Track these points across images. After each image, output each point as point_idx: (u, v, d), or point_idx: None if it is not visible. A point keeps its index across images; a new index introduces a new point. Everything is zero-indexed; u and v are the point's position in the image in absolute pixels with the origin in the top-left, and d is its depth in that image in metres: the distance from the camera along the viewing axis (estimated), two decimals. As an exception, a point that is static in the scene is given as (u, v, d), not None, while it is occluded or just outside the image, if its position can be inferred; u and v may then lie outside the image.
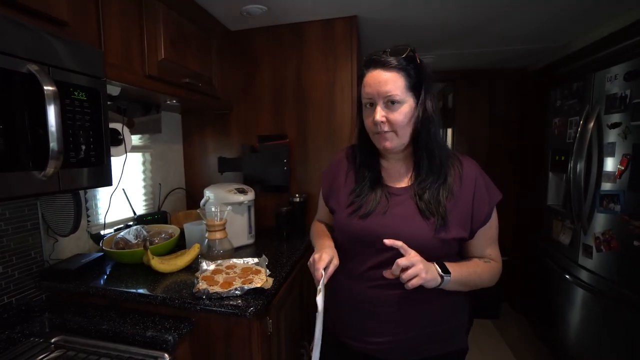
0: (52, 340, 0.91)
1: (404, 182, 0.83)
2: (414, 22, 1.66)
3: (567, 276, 1.64)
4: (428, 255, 0.72)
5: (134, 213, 1.41)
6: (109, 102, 1.11)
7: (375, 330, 0.79)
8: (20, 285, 1.00)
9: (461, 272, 0.75)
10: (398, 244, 0.69)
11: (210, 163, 1.81)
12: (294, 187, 1.72)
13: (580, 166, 1.53)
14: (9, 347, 0.87)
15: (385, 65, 0.74)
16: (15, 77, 0.67)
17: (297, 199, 1.62)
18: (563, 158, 1.76)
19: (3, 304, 0.96)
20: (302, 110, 1.66)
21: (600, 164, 1.45)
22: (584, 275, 1.56)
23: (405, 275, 0.67)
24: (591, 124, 1.47)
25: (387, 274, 0.71)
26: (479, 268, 0.79)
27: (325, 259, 0.75)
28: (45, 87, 0.69)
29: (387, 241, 0.69)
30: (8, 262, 0.98)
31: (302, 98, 1.65)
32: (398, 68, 0.74)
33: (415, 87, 0.76)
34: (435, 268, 0.71)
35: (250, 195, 1.40)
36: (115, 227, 1.36)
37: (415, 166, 0.82)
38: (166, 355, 0.84)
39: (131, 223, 1.40)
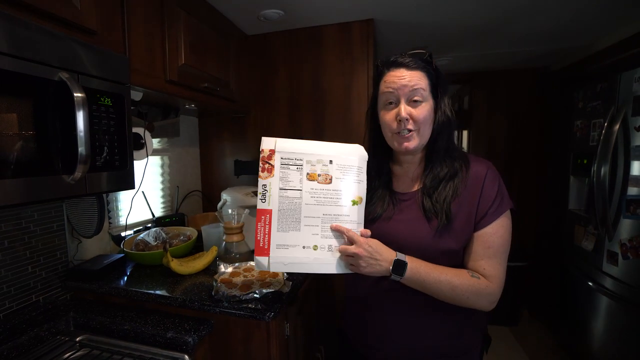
0: (77, 339, 0.93)
1: (413, 187, 0.82)
2: (431, 25, 1.65)
3: (590, 283, 1.59)
4: (429, 261, 0.72)
5: (153, 215, 1.44)
6: (131, 107, 1.14)
7: (382, 337, 0.80)
8: (47, 285, 1.04)
9: (425, 277, 0.69)
10: (342, 228, 0.73)
11: (227, 166, 1.83)
12: (309, 190, 1.72)
13: (604, 170, 1.48)
14: (37, 344, 0.90)
15: (409, 65, 0.74)
16: (47, 84, 0.70)
17: (312, 202, 1.62)
18: (586, 161, 1.70)
19: (32, 302, 1.00)
20: (319, 113, 1.66)
21: (627, 167, 1.40)
22: (608, 283, 1.50)
23: (344, 261, 0.73)
24: (617, 126, 1.42)
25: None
26: (456, 278, 0.70)
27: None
28: (75, 94, 0.71)
29: (332, 225, 0.74)
30: (36, 262, 1.01)
31: (319, 101, 1.65)
32: (421, 68, 0.75)
33: (434, 89, 0.76)
34: (385, 265, 0.69)
35: (266, 198, 1.40)
36: (135, 229, 1.39)
37: (425, 170, 0.80)
38: (186, 356, 0.85)
39: (150, 225, 1.43)
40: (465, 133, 2.71)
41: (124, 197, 1.36)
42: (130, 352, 0.88)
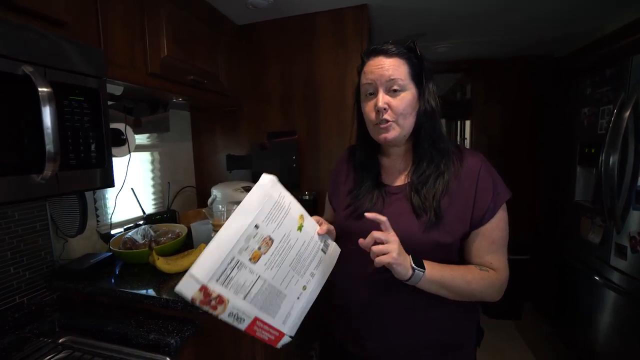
0: (60, 341, 0.91)
1: (402, 180, 0.79)
2: (428, 10, 1.57)
3: (597, 277, 1.52)
4: (420, 257, 0.68)
5: (143, 212, 1.41)
6: (112, 102, 1.10)
7: (375, 335, 0.77)
8: (31, 286, 1.02)
9: (442, 273, 0.67)
10: (381, 218, 0.64)
11: (220, 161, 1.79)
12: (305, 185, 1.68)
13: (613, 159, 1.40)
14: (20, 346, 0.88)
15: (387, 53, 0.72)
16: (10, 79, 0.66)
17: (307, 197, 1.58)
18: (593, 151, 1.62)
19: (15, 304, 0.98)
20: (312, 105, 1.61)
21: (637, 156, 1.32)
22: (615, 277, 1.44)
23: (375, 249, 0.62)
24: (627, 113, 1.34)
25: (361, 241, 0.65)
26: (469, 274, 0.70)
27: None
28: (39, 89, 0.68)
29: (368, 215, 0.64)
30: (19, 263, 0.99)
31: (312, 93, 1.60)
32: (400, 55, 0.72)
33: (417, 77, 0.74)
34: (408, 259, 0.65)
35: (257, 194, 1.37)
36: (126, 227, 1.36)
37: (414, 162, 0.78)
38: (168, 358, 0.83)
39: (141, 222, 1.41)
40: (468, 123, 2.63)
41: (112, 195, 1.33)
42: (111, 355, 0.86)
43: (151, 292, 0.97)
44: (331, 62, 1.55)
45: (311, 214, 1.65)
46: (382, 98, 0.71)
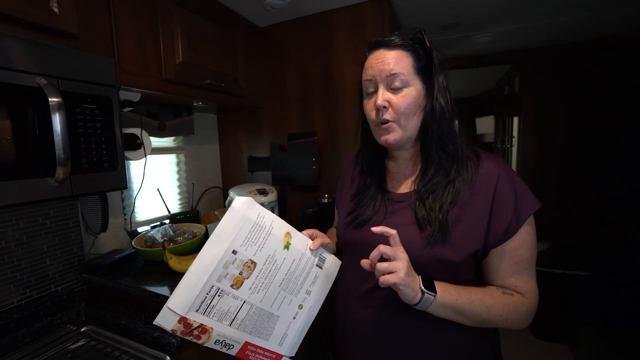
0: (82, 330, 0.99)
1: (407, 187, 0.72)
2: (459, -5, 1.42)
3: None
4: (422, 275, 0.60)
5: (168, 211, 1.49)
6: (130, 108, 1.17)
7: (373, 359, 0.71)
8: (64, 277, 1.13)
9: (456, 297, 0.59)
10: (390, 231, 0.57)
11: (244, 162, 1.83)
12: (325, 187, 1.64)
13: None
14: (49, 332, 0.98)
15: (389, 44, 0.66)
16: (27, 91, 0.73)
17: (326, 200, 1.54)
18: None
19: (50, 292, 1.09)
20: (332, 105, 1.56)
21: None
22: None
23: (380, 266, 0.55)
24: None
25: (364, 262, 0.59)
26: (490, 298, 0.61)
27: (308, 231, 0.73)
28: (50, 99, 0.73)
29: (375, 229, 0.58)
30: (53, 256, 1.10)
31: (332, 92, 1.55)
32: (404, 46, 0.65)
33: (424, 71, 0.66)
34: (417, 280, 0.57)
35: (271, 197, 1.36)
36: (152, 225, 1.45)
37: (422, 168, 0.70)
38: (168, 357, 0.85)
39: (167, 221, 1.49)
40: (515, 120, 2.35)
41: (140, 195, 1.42)
42: (119, 347, 0.91)
43: (161, 290, 1.01)
44: (350, 60, 1.49)
45: (328, 217, 1.57)
46: (382, 95, 0.65)
